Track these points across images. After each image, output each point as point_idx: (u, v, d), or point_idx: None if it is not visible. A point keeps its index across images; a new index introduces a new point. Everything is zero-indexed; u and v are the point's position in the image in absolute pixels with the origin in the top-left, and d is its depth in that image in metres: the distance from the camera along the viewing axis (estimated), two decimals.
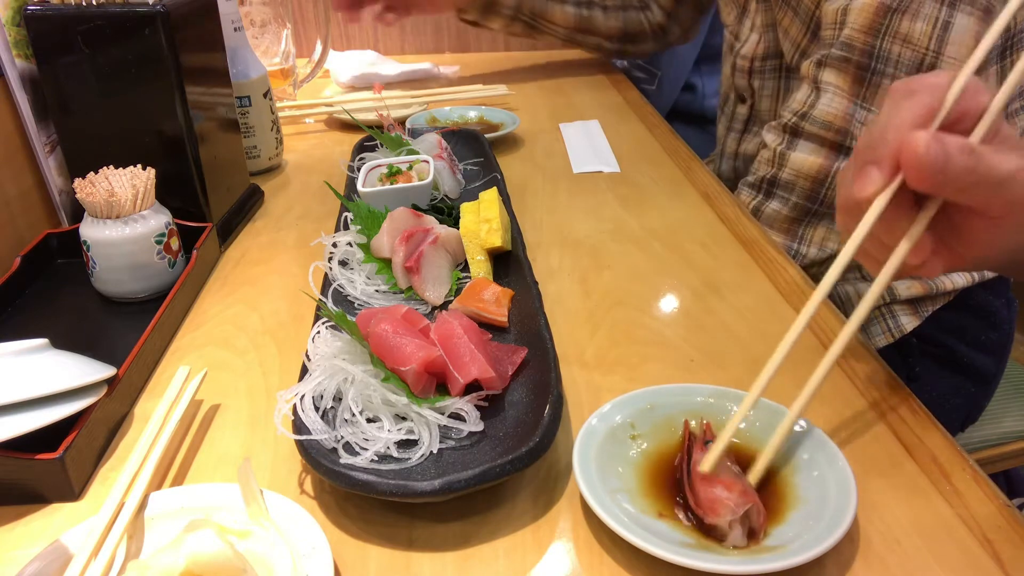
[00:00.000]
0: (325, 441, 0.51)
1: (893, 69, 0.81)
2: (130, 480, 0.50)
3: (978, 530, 0.47)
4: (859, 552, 0.46)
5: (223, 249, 0.87)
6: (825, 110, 0.84)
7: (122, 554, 0.46)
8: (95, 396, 0.54)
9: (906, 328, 0.91)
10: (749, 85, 1.08)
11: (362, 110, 1.23)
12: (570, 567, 0.46)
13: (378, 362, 0.56)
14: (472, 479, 0.47)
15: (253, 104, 1.03)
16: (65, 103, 0.79)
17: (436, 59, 1.59)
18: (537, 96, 1.39)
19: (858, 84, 0.83)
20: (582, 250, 0.83)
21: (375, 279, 0.74)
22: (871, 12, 0.80)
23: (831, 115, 0.84)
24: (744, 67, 1.07)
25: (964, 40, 0.77)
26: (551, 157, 1.11)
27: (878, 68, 0.82)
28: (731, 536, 0.45)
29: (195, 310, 0.75)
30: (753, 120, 1.11)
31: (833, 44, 0.84)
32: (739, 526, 0.45)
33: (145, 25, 0.75)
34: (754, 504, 0.46)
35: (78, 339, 0.69)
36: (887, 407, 0.58)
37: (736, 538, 0.45)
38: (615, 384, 0.61)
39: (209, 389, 0.63)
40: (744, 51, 1.06)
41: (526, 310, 0.66)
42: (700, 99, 1.61)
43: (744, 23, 1.07)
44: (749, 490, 0.47)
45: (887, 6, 0.79)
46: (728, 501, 0.46)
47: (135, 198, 0.72)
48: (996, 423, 1.04)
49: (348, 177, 0.97)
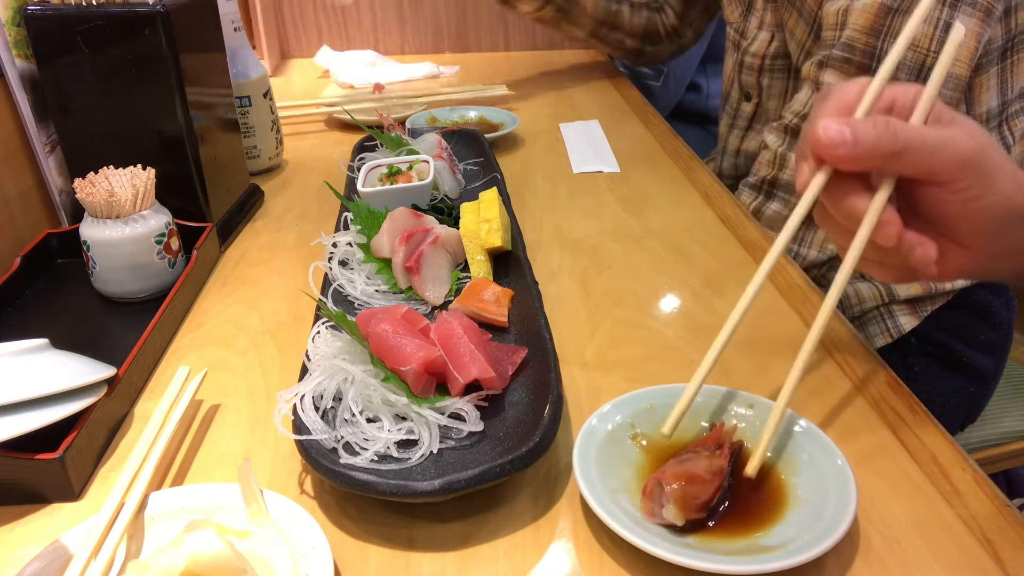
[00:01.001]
0: (325, 441, 0.51)
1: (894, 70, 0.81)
2: (130, 480, 0.50)
3: (978, 530, 0.47)
4: (859, 552, 0.46)
5: (223, 249, 0.87)
6: None
7: (122, 554, 0.46)
8: (95, 396, 0.54)
9: (905, 328, 0.91)
10: (757, 83, 1.07)
11: (362, 110, 1.23)
12: (570, 567, 0.46)
13: (378, 362, 0.56)
14: (472, 479, 0.47)
15: (253, 104, 1.03)
16: (65, 103, 0.79)
17: (436, 59, 1.59)
18: (537, 96, 1.39)
19: None
20: (582, 250, 0.83)
21: (375, 279, 0.74)
22: (872, 13, 0.80)
23: None
24: (754, 65, 1.06)
25: (965, 41, 0.77)
26: (551, 157, 1.11)
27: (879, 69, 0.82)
28: (664, 511, 0.46)
29: (195, 310, 0.75)
30: (758, 118, 1.11)
31: (834, 45, 0.84)
32: (671, 503, 0.46)
33: (145, 25, 0.75)
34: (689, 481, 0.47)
35: (78, 339, 0.69)
36: (887, 407, 0.58)
37: (669, 513, 0.46)
38: (615, 384, 0.61)
39: (209, 389, 0.63)
40: (754, 48, 1.05)
41: (526, 310, 0.66)
42: (704, 99, 1.61)
43: (750, 20, 1.07)
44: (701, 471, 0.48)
45: (888, 7, 0.79)
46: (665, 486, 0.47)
47: (135, 198, 0.72)
48: (996, 423, 1.04)
49: (348, 177, 0.97)
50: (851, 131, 0.47)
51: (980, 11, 0.77)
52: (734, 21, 1.11)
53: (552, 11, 1.35)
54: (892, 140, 0.47)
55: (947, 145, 0.47)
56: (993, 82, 0.82)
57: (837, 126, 0.47)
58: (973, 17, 0.77)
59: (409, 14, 1.66)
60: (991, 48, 0.80)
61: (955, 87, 0.79)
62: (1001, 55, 0.81)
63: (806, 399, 0.59)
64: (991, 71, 0.82)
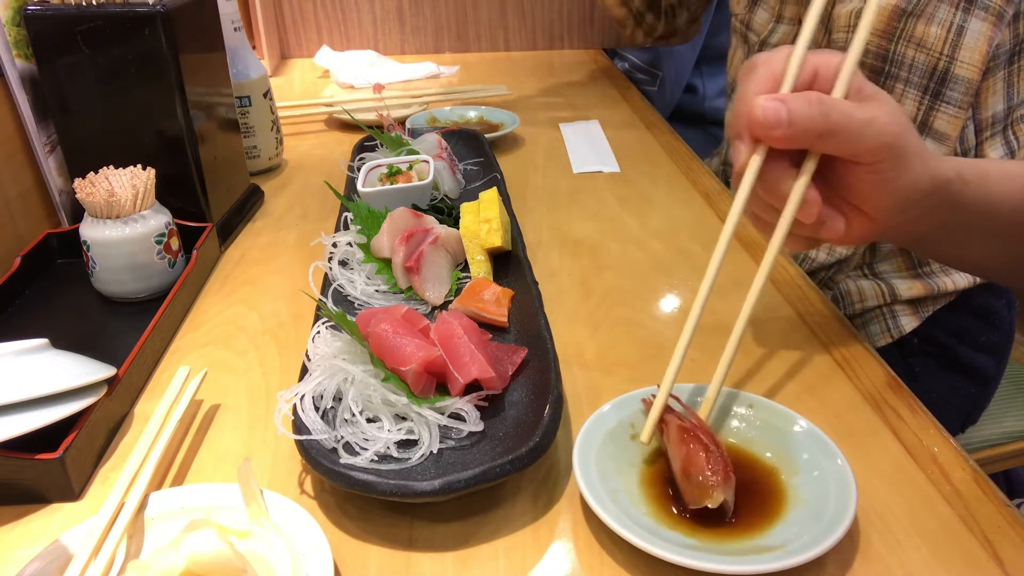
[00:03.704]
0: (325, 441, 0.51)
1: (907, 73, 0.81)
2: (130, 480, 0.50)
3: (978, 530, 0.47)
4: (859, 552, 0.46)
5: (223, 249, 0.87)
6: None
7: (122, 554, 0.46)
8: (95, 396, 0.54)
9: (906, 328, 0.91)
10: None
11: (362, 110, 1.23)
12: (570, 567, 0.46)
13: (378, 362, 0.56)
14: (472, 479, 0.47)
15: (253, 104, 1.03)
16: (65, 103, 0.79)
17: (436, 59, 1.59)
18: (537, 96, 1.39)
19: None
20: (582, 250, 0.83)
21: (375, 279, 0.74)
22: (886, 16, 0.80)
23: None
24: None
25: (977, 45, 0.77)
26: (551, 157, 1.11)
27: (891, 72, 0.81)
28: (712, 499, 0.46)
29: (195, 310, 0.75)
30: None
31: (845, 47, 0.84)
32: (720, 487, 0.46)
33: (145, 25, 0.75)
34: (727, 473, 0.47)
35: (78, 339, 0.69)
36: (887, 407, 0.58)
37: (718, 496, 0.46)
38: (615, 384, 0.61)
39: (209, 389, 0.63)
40: (774, 41, 1.03)
41: (526, 310, 0.66)
42: (701, 101, 1.61)
43: (756, 12, 1.05)
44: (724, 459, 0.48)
45: (902, 9, 0.79)
46: (711, 480, 0.47)
47: (135, 198, 0.72)
48: (996, 423, 1.04)
49: (348, 177, 0.97)
50: (787, 110, 0.49)
51: (992, 15, 0.77)
52: (740, 12, 1.11)
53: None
54: (824, 120, 0.49)
55: (870, 127, 0.49)
56: (1000, 86, 0.82)
57: (774, 105, 0.49)
58: (985, 21, 0.77)
59: (409, 14, 1.66)
60: (999, 52, 0.80)
61: (966, 91, 0.79)
62: (1008, 60, 0.81)
63: (806, 399, 0.59)
64: (998, 75, 0.82)
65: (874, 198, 0.53)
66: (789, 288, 0.75)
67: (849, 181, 0.52)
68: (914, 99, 0.82)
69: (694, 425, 0.50)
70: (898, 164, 0.51)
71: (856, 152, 0.50)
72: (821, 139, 0.49)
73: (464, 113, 1.26)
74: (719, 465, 0.47)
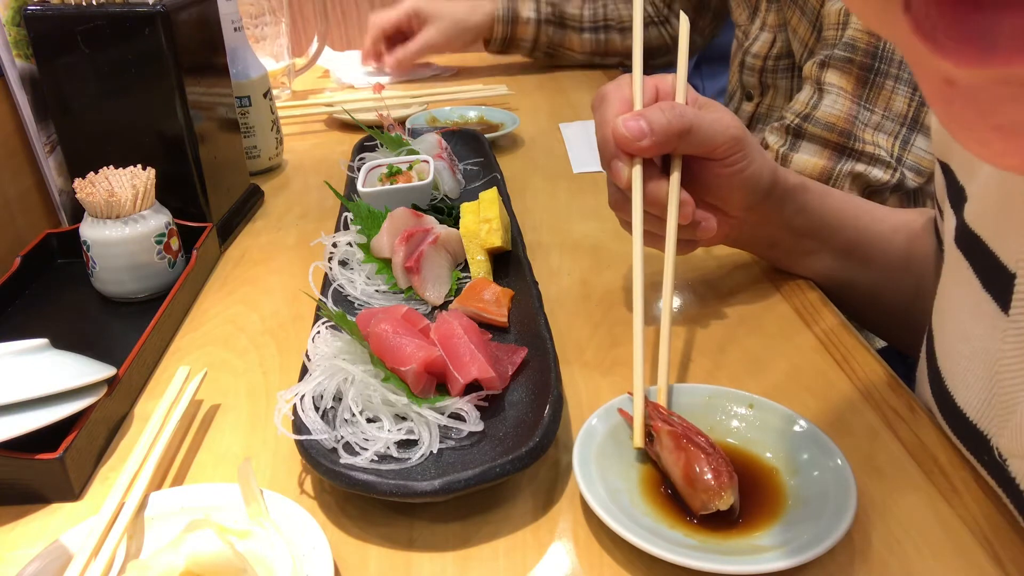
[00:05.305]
0: (325, 441, 0.51)
1: (897, 70, 0.81)
2: (130, 480, 0.50)
3: (978, 530, 0.47)
4: (859, 552, 0.46)
5: (223, 249, 0.87)
6: (828, 111, 0.84)
7: (122, 554, 0.46)
8: (95, 396, 0.54)
9: None
10: (759, 83, 1.07)
11: (362, 110, 1.23)
12: (570, 567, 0.46)
13: (378, 362, 0.56)
14: (472, 479, 0.47)
15: (253, 104, 1.03)
16: (65, 103, 0.79)
17: (436, 59, 1.59)
18: (537, 96, 1.39)
19: (861, 85, 0.83)
20: (582, 250, 0.83)
21: (375, 279, 0.74)
22: None
23: (834, 116, 0.84)
24: (755, 66, 1.06)
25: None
26: (551, 157, 1.11)
27: (881, 69, 0.81)
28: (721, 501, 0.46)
29: (195, 310, 0.75)
30: (759, 118, 1.11)
31: (836, 45, 0.84)
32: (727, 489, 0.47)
33: (145, 25, 0.75)
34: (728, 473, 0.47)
35: (78, 339, 0.69)
36: (887, 407, 0.58)
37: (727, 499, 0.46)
38: (615, 384, 0.61)
39: (209, 389, 0.63)
40: (755, 49, 1.05)
41: (526, 310, 0.66)
42: None
43: (755, 21, 1.07)
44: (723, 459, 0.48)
45: None
46: (718, 484, 0.46)
47: (135, 198, 0.72)
48: None
49: (348, 177, 0.97)
50: (646, 121, 0.55)
51: None
52: (742, 23, 1.11)
53: (541, 55, 1.48)
54: (680, 120, 0.55)
55: (719, 123, 0.57)
56: None
57: (634, 120, 0.56)
58: None
59: None
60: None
61: None
62: None
63: (806, 399, 0.59)
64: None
65: (727, 191, 0.60)
66: (791, 289, 0.74)
67: (707, 179, 0.59)
68: (905, 95, 0.82)
69: (685, 428, 0.50)
70: (746, 155, 0.58)
71: (712, 148, 0.57)
72: (681, 138, 0.56)
73: (464, 113, 1.26)
74: (722, 467, 0.47)
